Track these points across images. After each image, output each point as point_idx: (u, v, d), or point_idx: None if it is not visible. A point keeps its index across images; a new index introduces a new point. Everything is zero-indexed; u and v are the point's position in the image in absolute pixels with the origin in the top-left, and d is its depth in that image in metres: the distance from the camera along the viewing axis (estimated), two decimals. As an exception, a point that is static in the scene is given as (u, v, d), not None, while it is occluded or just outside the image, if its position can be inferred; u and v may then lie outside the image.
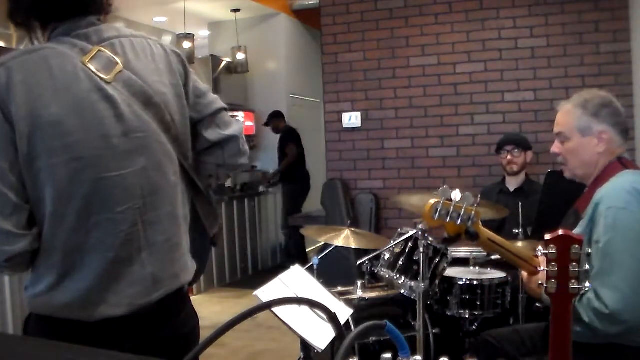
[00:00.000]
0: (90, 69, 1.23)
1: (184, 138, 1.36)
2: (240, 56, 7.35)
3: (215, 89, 6.86)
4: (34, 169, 1.19)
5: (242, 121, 7.22)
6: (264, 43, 7.49)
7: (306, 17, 7.57)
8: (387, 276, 2.60)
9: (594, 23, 4.42)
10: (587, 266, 1.21)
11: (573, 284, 1.20)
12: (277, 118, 6.87)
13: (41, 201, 1.21)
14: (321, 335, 1.43)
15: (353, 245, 2.95)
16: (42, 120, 1.18)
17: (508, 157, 3.61)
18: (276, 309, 1.37)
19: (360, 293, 2.78)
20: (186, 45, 6.78)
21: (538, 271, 1.62)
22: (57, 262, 1.21)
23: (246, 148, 1.47)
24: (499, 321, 2.74)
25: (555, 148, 1.95)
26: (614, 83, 4.35)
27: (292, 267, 1.72)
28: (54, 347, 0.85)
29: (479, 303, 2.66)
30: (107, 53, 1.26)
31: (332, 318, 0.88)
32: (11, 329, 3.61)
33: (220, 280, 6.04)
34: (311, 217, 5.58)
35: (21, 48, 1.29)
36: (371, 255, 2.71)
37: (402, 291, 2.55)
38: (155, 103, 1.29)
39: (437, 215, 1.58)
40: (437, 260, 2.57)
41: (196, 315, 1.43)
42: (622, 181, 1.76)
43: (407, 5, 4.85)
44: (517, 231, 2.88)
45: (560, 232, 1.21)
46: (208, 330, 0.78)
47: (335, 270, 3.31)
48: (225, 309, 5.10)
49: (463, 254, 3.00)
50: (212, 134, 1.42)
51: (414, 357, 0.84)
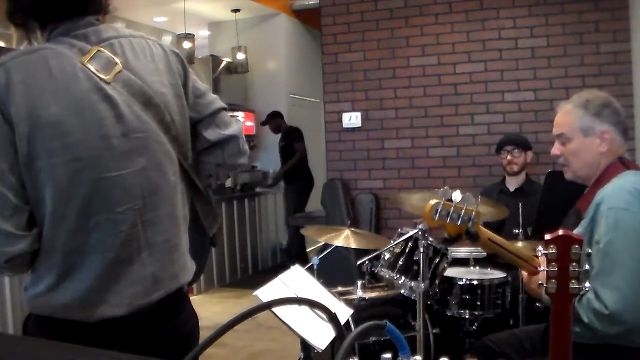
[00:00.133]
0: (89, 69, 1.23)
1: (184, 138, 1.36)
2: (240, 56, 7.34)
3: (215, 89, 6.86)
4: (34, 170, 1.19)
5: (242, 121, 7.22)
6: (264, 43, 7.49)
7: (306, 17, 7.57)
8: (387, 276, 2.60)
9: (594, 23, 4.42)
10: (587, 266, 1.21)
11: (573, 284, 1.19)
12: (278, 118, 6.87)
13: (41, 202, 1.20)
14: (321, 335, 1.43)
15: (353, 245, 2.95)
16: (42, 120, 1.18)
17: (508, 157, 3.61)
18: (276, 309, 1.37)
19: (360, 293, 2.78)
20: (186, 45, 6.77)
21: (538, 271, 1.62)
22: (57, 263, 1.21)
23: (246, 148, 1.47)
24: (499, 321, 2.74)
25: (555, 150, 1.92)
26: (614, 83, 4.35)
27: (292, 267, 1.72)
28: (54, 347, 0.85)
29: (479, 303, 2.66)
30: (106, 53, 1.26)
31: (332, 318, 0.87)
32: (11, 329, 3.61)
33: (220, 280, 6.04)
34: (311, 217, 5.58)
35: (21, 48, 1.28)
36: (371, 255, 2.71)
37: (402, 291, 2.55)
38: (154, 103, 1.29)
39: (438, 215, 1.58)
40: (437, 260, 2.57)
41: (196, 315, 1.43)
42: (624, 181, 1.75)
43: (407, 5, 4.85)
44: (517, 231, 2.88)
45: (560, 232, 1.21)
46: (208, 330, 0.78)
47: (335, 270, 3.31)
48: (225, 309, 5.10)
49: (463, 254, 3.00)
50: (212, 134, 1.41)
51: (414, 357, 0.83)
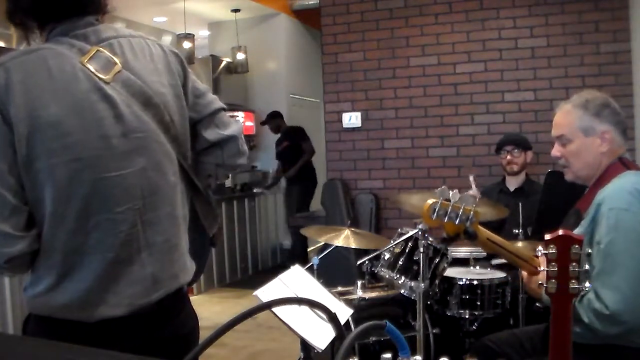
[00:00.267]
0: (89, 69, 1.23)
1: (183, 138, 1.36)
2: (240, 56, 7.34)
3: (215, 89, 6.86)
4: (33, 170, 1.19)
5: (242, 121, 7.22)
6: (264, 43, 7.49)
7: (306, 17, 7.57)
8: (387, 276, 2.60)
9: (594, 23, 4.42)
10: (587, 266, 1.21)
11: (573, 284, 1.19)
12: (278, 118, 6.85)
13: (40, 202, 1.20)
14: (321, 335, 1.43)
15: (353, 245, 2.95)
16: (41, 120, 1.18)
17: (508, 157, 3.61)
18: (276, 309, 1.37)
19: (360, 293, 2.77)
20: (186, 45, 6.77)
21: (538, 271, 1.61)
22: (57, 263, 1.21)
23: (245, 148, 1.47)
24: (499, 321, 2.74)
25: (556, 151, 1.91)
26: (614, 83, 4.35)
27: (292, 267, 1.72)
28: (54, 347, 0.85)
29: (479, 303, 2.66)
30: (106, 53, 1.26)
31: (332, 318, 0.87)
32: (11, 329, 3.61)
33: (220, 280, 6.04)
34: (311, 217, 5.58)
35: (20, 48, 1.28)
36: (371, 255, 2.71)
37: (402, 291, 2.55)
38: (154, 103, 1.28)
39: (435, 215, 1.58)
40: (437, 260, 2.57)
41: (195, 315, 1.43)
42: (624, 182, 1.75)
43: (407, 5, 4.85)
44: (517, 231, 2.88)
45: (560, 232, 1.21)
46: (208, 330, 0.78)
47: (335, 270, 3.31)
48: (225, 309, 5.10)
49: (463, 254, 3.00)
50: (212, 134, 1.41)
51: (414, 357, 0.83)
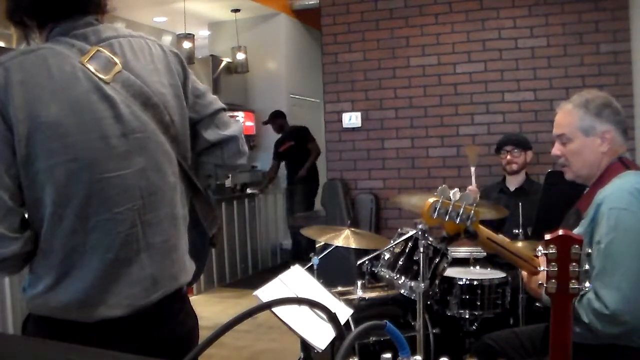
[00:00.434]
0: (88, 69, 1.22)
1: (183, 138, 1.36)
2: (240, 56, 7.34)
3: (215, 89, 6.86)
4: (33, 170, 1.18)
5: (242, 121, 7.21)
6: (264, 43, 7.48)
7: (306, 17, 7.56)
8: (387, 276, 2.60)
9: (594, 23, 4.42)
10: (587, 266, 1.20)
11: (573, 284, 1.19)
12: (281, 118, 6.81)
13: (39, 202, 1.20)
14: (321, 335, 1.43)
15: (353, 245, 2.95)
16: (41, 121, 1.17)
17: (508, 157, 3.61)
18: (276, 309, 1.37)
19: (360, 293, 2.77)
20: (186, 45, 6.77)
21: (538, 271, 1.61)
22: (56, 263, 1.21)
23: (245, 148, 1.47)
24: (499, 321, 2.74)
25: (556, 150, 1.91)
26: (614, 83, 4.35)
27: (292, 267, 1.72)
28: (54, 347, 0.85)
29: (479, 303, 2.66)
30: (106, 53, 1.26)
31: (332, 318, 0.87)
32: (11, 329, 3.61)
33: (220, 280, 6.04)
34: (311, 217, 5.58)
35: (20, 48, 1.28)
36: (371, 255, 2.71)
37: (402, 291, 2.55)
38: (154, 103, 1.28)
39: (436, 214, 1.58)
40: (437, 260, 2.56)
41: (195, 315, 1.43)
42: (624, 182, 1.75)
43: (407, 5, 4.85)
44: (517, 231, 2.88)
45: (560, 232, 1.21)
46: (208, 330, 0.78)
47: (335, 270, 3.30)
48: (225, 309, 5.09)
49: (463, 254, 3.00)
50: (212, 135, 1.41)
51: (414, 357, 0.83)
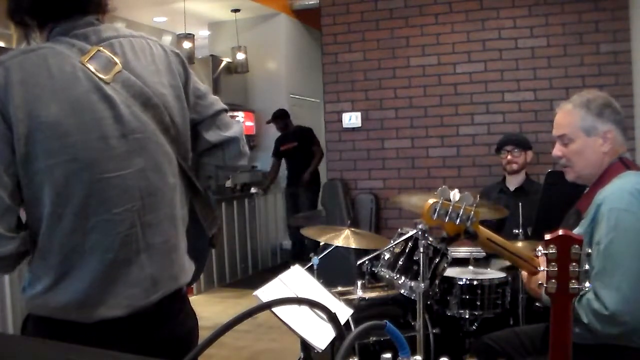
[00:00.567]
0: (89, 69, 1.22)
1: (184, 139, 1.36)
2: (240, 56, 7.34)
3: (215, 89, 6.85)
4: (32, 170, 1.18)
5: (242, 121, 7.21)
6: (264, 43, 7.48)
7: (306, 17, 7.56)
8: (387, 276, 2.60)
9: (594, 23, 4.42)
10: (587, 266, 1.21)
11: (573, 284, 1.19)
12: (285, 117, 6.73)
13: (38, 202, 1.20)
14: (321, 335, 1.43)
15: (353, 245, 2.94)
16: (41, 120, 1.17)
17: (508, 157, 3.61)
18: (276, 309, 1.37)
19: (360, 293, 2.77)
20: (186, 45, 6.77)
21: (538, 271, 1.61)
22: (55, 263, 1.21)
23: (246, 150, 1.47)
24: (499, 321, 2.74)
25: (557, 151, 1.90)
26: (614, 83, 4.35)
27: (292, 267, 1.72)
28: (54, 347, 0.85)
29: (479, 303, 2.66)
30: (106, 53, 1.26)
31: (332, 318, 0.87)
32: (11, 329, 3.61)
33: (220, 280, 6.04)
34: (311, 217, 5.58)
35: (20, 47, 1.28)
36: (371, 255, 2.70)
37: (402, 291, 2.55)
38: (154, 104, 1.28)
39: (436, 215, 1.58)
40: (437, 260, 2.56)
41: (195, 316, 1.43)
42: (624, 182, 1.75)
43: (407, 5, 4.85)
44: (517, 231, 2.88)
45: (560, 232, 1.21)
46: (208, 330, 0.78)
47: (335, 270, 3.30)
48: (225, 309, 5.09)
49: (463, 254, 3.00)
50: (213, 136, 1.41)
51: (414, 357, 0.83)
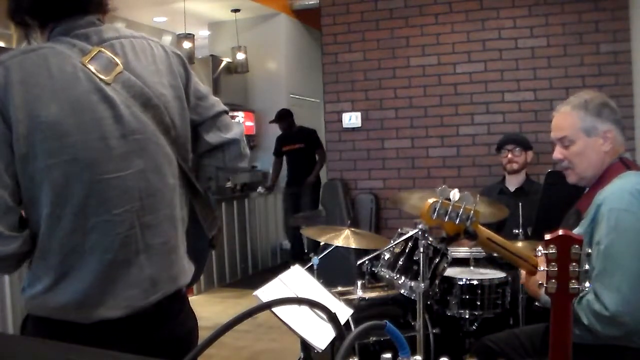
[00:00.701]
0: (89, 70, 1.22)
1: (184, 140, 1.36)
2: (240, 56, 7.34)
3: (215, 89, 6.86)
4: (31, 170, 1.18)
5: (242, 121, 7.21)
6: (264, 43, 7.48)
7: (306, 17, 7.56)
8: (387, 276, 2.60)
9: (594, 23, 4.42)
10: (587, 266, 1.20)
11: (573, 284, 1.19)
12: (290, 117, 6.67)
13: (37, 202, 1.20)
14: (321, 335, 1.43)
15: (353, 245, 2.94)
16: (40, 120, 1.17)
17: (509, 156, 3.60)
18: (276, 309, 1.37)
19: (360, 293, 2.77)
20: (186, 45, 6.77)
21: (537, 271, 1.61)
22: (54, 264, 1.21)
23: (247, 151, 1.47)
24: (499, 321, 2.74)
25: (558, 154, 1.88)
26: (614, 83, 4.35)
27: (292, 267, 1.72)
28: (54, 347, 0.85)
29: (479, 303, 2.66)
30: (107, 54, 1.26)
31: (332, 318, 0.87)
32: (11, 329, 3.61)
33: (220, 280, 6.04)
34: (311, 217, 5.58)
35: (21, 47, 1.28)
36: (371, 255, 2.70)
37: (402, 291, 2.55)
38: (154, 105, 1.28)
39: (436, 214, 1.58)
40: (437, 260, 2.56)
41: (194, 316, 1.43)
42: (625, 182, 1.74)
43: (407, 5, 4.85)
44: (517, 231, 2.88)
45: (560, 232, 1.21)
46: (208, 330, 0.78)
47: (335, 270, 3.31)
48: (225, 309, 5.09)
49: (463, 254, 3.00)
50: (213, 137, 1.41)
51: (414, 357, 0.83)
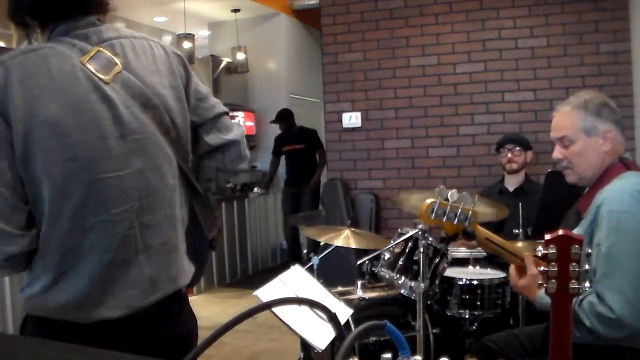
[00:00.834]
0: (88, 69, 1.22)
1: (184, 141, 1.35)
2: (240, 56, 7.34)
3: (215, 89, 6.86)
4: (31, 169, 1.18)
5: (242, 121, 7.21)
6: (264, 43, 7.49)
7: (306, 17, 7.57)
8: (387, 276, 2.60)
9: (594, 23, 4.42)
10: (587, 266, 1.20)
11: (573, 284, 1.19)
12: (291, 117, 6.64)
13: (39, 201, 1.20)
14: (321, 335, 1.43)
15: (353, 245, 2.95)
16: (40, 120, 1.17)
17: (508, 155, 3.60)
18: (276, 309, 1.37)
19: (360, 293, 2.77)
20: (186, 45, 6.78)
21: (536, 271, 1.61)
22: (53, 263, 1.21)
23: (247, 153, 1.47)
24: (499, 321, 2.74)
25: (558, 154, 1.88)
26: (614, 83, 4.35)
27: (292, 267, 1.73)
28: (54, 347, 0.85)
29: (479, 303, 2.66)
30: (107, 53, 1.26)
31: (332, 318, 0.87)
32: (11, 329, 3.61)
33: (220, 280, 6.04)
34: (311, 217, 5.58)
35: (21, 47, 1.28)
36: (371, 255, 2.70)
37: (402, 291, 2.55)
38: (153, 105, 1.28)
39: (434, 215, 1.58)
40: (437, 260, 2.56)
41: (194, 316, 1.42)
42: (625, 183, 1.74)
43: (407, 5, 4.85)
44: (517, 231, 2.88)
45: (560, 232, 1.21)
46: (208, 330, 0.78)
47: (335, 270, 3.31)
48: (225, 309, 5.09)
49: (463, 254, 3.00)
50: (213, 138, 1.41)
51: (414, 357, 0.83)
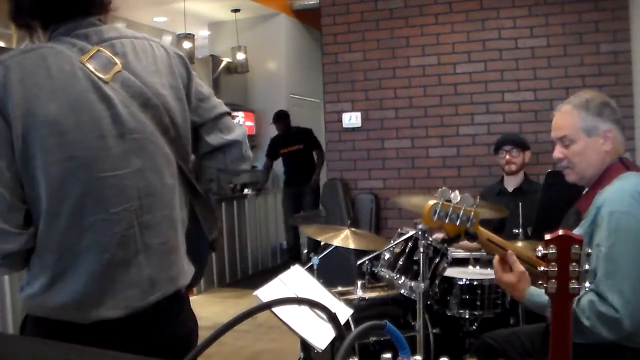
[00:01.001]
0: (88, 68, 1.22)
1: (184, 141, 1.35)
2: (240, 56, 7.35)
3: (215, 89, 6.85)
4: (30, 168, 1.18)
5: (243, 122, 7.21)
6: (264, 43, 7.49)
7: (306, 17, 7.57)
8: (387, 276, 2.60)
9: (594, 23, 4.42)
10: (587, 266, 1.21)
11: (573, 284, 1.19)
12: (287, 118, 6.64)
13: (38, 200, 1.20)
14: (321, 335, 1.43)
15: (353, 245, 2.94)
16: (39, 119, 1.17)
17: (507, 157, 3.60)
18: (276, 309, 1.37)
19: (360, 293, 2.77)
20: (186, 45, 6.78)
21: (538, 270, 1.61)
22: (51, 262, 1.21)
23: (249, 153, 1.46)
24: (499, 321, 2.74)
25: (558, 153, 1.88)
26: (614, 83, 4.35)
27: (292, 267, 1.73)
28: (54, 347, 0.85)
29: (479, 303, 2.66)
30: (107, 53, 1.26)
31: (332, 318, 0.88)
32: (11, 329, 3.61)
33: (220, 280, 6.04)
34: (311, 217, 5.58)
35: (21, 47, 1.28)
36: (371, 255, 2.71)
37: (402, 291, 2.55)
38: (153, 105, 1.28)
39: (437, 216, 1.58)
40: (437, 260, 2.56)
41: (194, 317, 1.42)
42: (625, 183, 1.74)
43: (407, 5, 4.85)
44: (517, 231, 2.88)
45: (560, 232, 1.21)
46: (208, 330, 0.78)
47: (335, 270, 3.31)
48: (225, 309, 5.09)
49: (463, 254, 3.00)
50: (214, 138, 1.41)
51: (414, 357, 0.83)
